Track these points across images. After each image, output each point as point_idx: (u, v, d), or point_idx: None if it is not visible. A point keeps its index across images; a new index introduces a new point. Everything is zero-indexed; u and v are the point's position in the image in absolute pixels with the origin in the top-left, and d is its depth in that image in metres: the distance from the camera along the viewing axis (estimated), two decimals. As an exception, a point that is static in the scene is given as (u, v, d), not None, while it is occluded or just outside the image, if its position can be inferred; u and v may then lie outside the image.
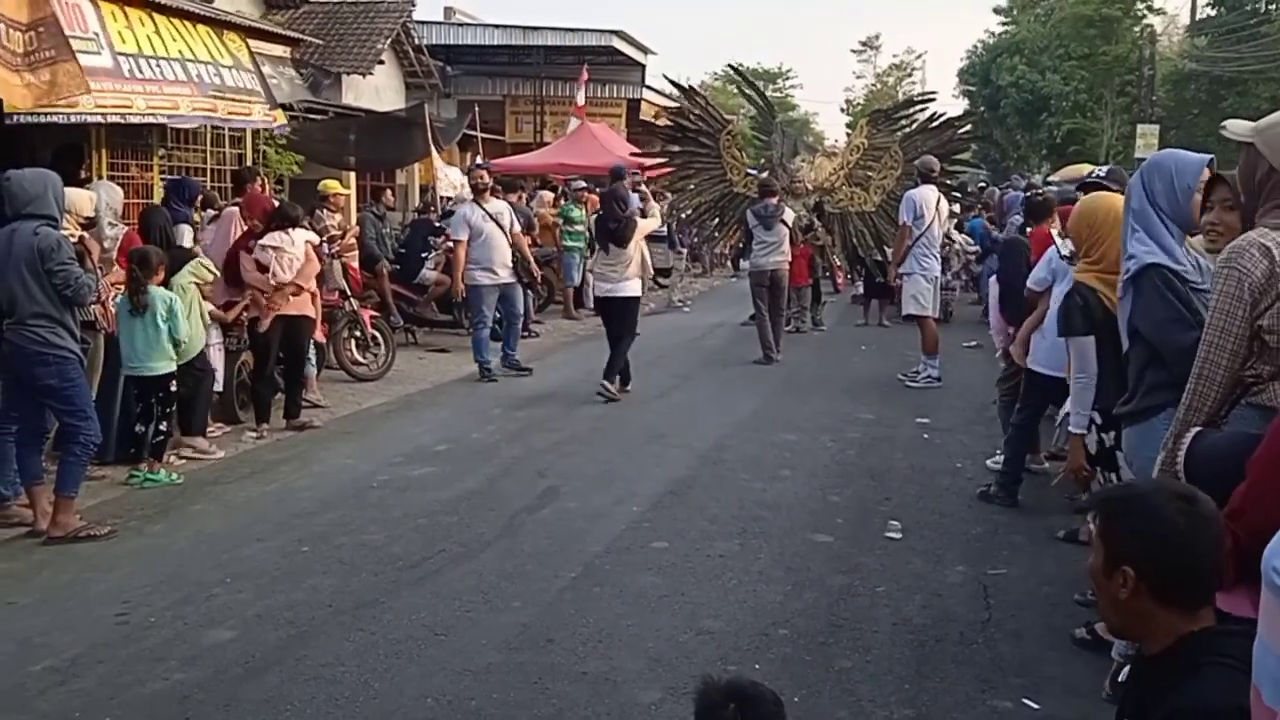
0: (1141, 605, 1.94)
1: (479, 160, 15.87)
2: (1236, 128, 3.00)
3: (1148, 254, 3.46)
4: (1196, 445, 2.61)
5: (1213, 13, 34.11)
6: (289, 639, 4.48)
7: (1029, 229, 7.50)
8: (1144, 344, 3.47)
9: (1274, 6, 30.81)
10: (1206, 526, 1.92)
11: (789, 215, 11.96)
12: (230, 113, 10.04)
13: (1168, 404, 3.22)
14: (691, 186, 15.03)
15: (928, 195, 10.51)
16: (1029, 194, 11.19)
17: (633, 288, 9.63)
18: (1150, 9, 37.40)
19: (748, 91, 16.69)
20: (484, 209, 10.34)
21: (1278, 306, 2.76)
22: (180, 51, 9.46)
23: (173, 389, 6.81)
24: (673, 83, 17.36)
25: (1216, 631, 1.92)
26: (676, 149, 15.44)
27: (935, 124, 15.05)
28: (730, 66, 26.30)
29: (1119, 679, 3.73)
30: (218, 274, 7.61)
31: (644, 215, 11.23)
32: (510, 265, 10.44)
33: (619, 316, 9.62)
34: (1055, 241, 6.27)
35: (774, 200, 11.76)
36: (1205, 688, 1.84)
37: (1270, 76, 29.23)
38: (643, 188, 14.21)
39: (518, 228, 10.71)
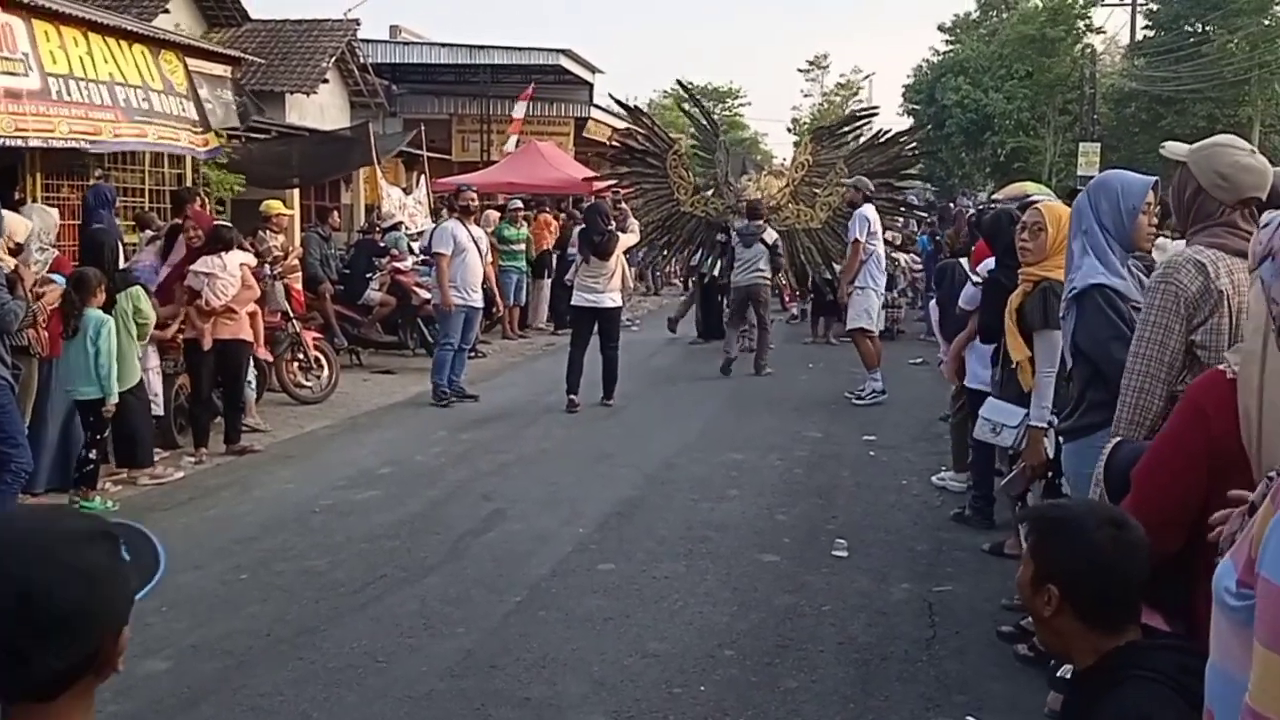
0: (1065, 623, 1.97)
1: (465, 184, 15.74)
2: (1174, 149, 3.09)
3: (1092, 274, 3.50)
4: (1114, 457, 2.64)
5: (1151, 34, 34.84)
6: (226, 669, 4.38)
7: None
8: (1087, 362, 3.51)
9: (1210, 28, 31.50)
10: (1134, 553, 1.95)
11: (769, 235, 12.26)
12: (160, 138, 9.93)
13: (1107, 422, 3.26)
14: (639, 206, 15.04)
15: (873, 212, 10.65)
16: (979, 209, 11.38)
17: (615, 299, 10.07)
18: (1090, 29, 38.15)
19: (692, 109, 16.63)
20: (468, 229, 10.33)
21: (1212, 323, 2.80)
22: (110, 74, 9.34)
23: (104, 415, 6.65)
24: (619, 103, 17.41)
25: (1141, 646, 1.95)
26: (625, 169, 15.48)
27: (882, 140, 15.20)
28: (678, 82, 26.36)
29: (1058, 675, 3.77)
30: (151, 317, 7.39)
31: (623, 230, 11.45)
32: (481, 290, 10.52)
33: (604, 327, 10.02)
34: (965, 268, 6.40)
35: (758, 221, 12.17)
36: (1126, 702, 1.86)
37: (1207, 96, 29.92)
38: (623, 205, 14.25)
39: (489, 256, 10.77)
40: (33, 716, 1.29)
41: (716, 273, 14.35)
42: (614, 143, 16.81)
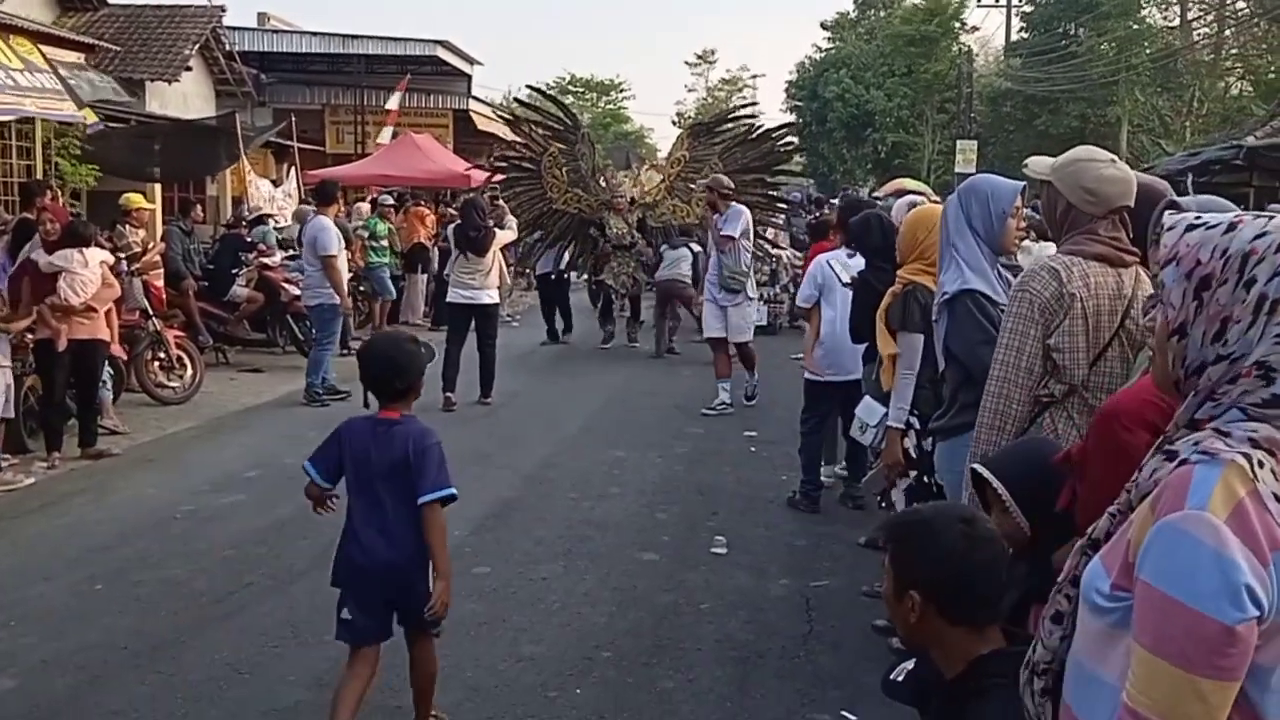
0: (931, 626, 1.98)
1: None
2: (1037, 167, 3.13)
3: (962, 279, 3.54)
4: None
5: (1026, 35, 36.01)
6: (78, 685, 4.17)
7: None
8: (958, 365, 3.56)
9: (1081, 31, 32.64)
10: (986, 547, 1.98)
11: (695, 246, 13.25)
12: (41, 107, 9.41)
13: (979, 422, 3.31)
14: (512, 206, 14.81)
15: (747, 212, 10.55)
16: (815, 217, 11.70)
17: (492, 295, 9.99)
18: (964, 27, 39.30)
19: (549, 107, 16.15)
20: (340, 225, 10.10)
21: (1065, 325, 2.86)
22: (-25, 54, 8.83)
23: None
24: (499, 113, 17.17)
25: (1004, 653, 1.96)
26: (502, 178, 15.34)
27: (754, 135, 15.27)
28: (528, 86, 26.19)
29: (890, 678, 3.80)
30: None
31: (501, 227, 11.26)
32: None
33: (481, 324, 9.90)
34: (835, 269, 6.54)
35: (684, 236, 13.47)
36: (988, 710, 1.88)
37: (1079, 96, 30.95)
38: (500, 202, 14.02)
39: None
40: (406, 406, 3.61)
41: (577, 270, 14.42)
42: (497, 160, 16.75)
